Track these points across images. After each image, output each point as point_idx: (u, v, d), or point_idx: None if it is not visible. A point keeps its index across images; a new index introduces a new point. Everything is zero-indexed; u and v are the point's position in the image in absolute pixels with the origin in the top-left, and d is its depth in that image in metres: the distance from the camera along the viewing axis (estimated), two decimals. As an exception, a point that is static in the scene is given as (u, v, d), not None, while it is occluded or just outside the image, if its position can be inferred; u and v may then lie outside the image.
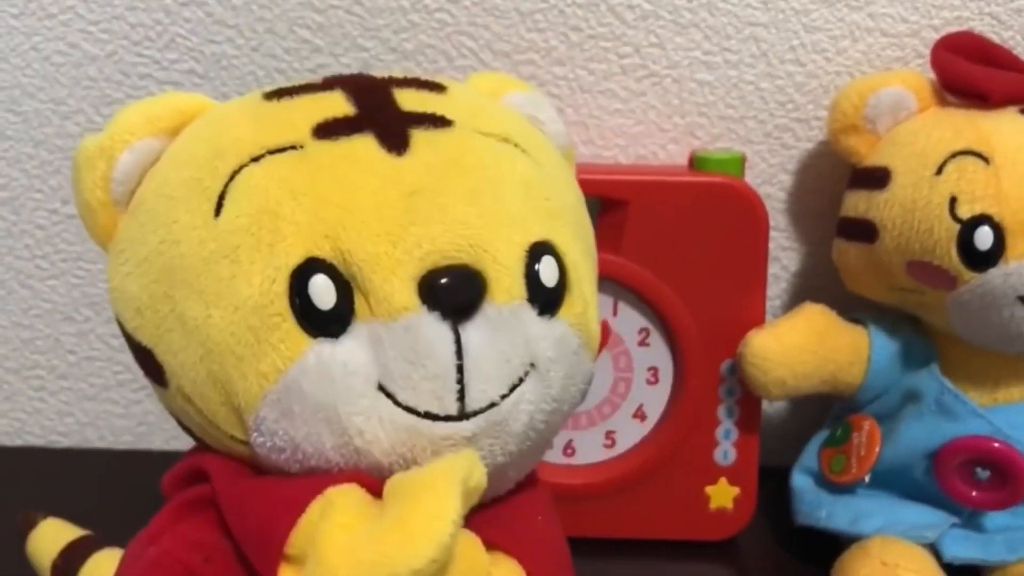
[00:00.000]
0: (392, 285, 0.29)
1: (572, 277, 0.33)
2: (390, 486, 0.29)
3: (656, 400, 0.52)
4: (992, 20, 0.55)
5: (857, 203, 0.50)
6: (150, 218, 0.32)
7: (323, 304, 0.30)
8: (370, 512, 0.29)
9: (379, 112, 0.32)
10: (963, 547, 0.48)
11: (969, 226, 0.45)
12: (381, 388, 0.30)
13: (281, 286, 0.30)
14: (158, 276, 0.32)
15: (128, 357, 0.62)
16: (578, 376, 0.33)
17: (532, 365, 0.31)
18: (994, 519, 0.48)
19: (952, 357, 0.50)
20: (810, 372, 0.50)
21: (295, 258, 0.30)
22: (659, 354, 0.52)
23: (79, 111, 0.58)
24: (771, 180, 0.58)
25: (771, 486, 0.53)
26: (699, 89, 0.57)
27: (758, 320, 0.51)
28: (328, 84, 0.34)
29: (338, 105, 0.32)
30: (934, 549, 0.47)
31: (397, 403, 0.30)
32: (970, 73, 0.48)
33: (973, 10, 0.55)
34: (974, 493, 0.47)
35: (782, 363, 0.49)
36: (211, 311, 0.30)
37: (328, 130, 0.32)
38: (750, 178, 0.52)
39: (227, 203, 0.31)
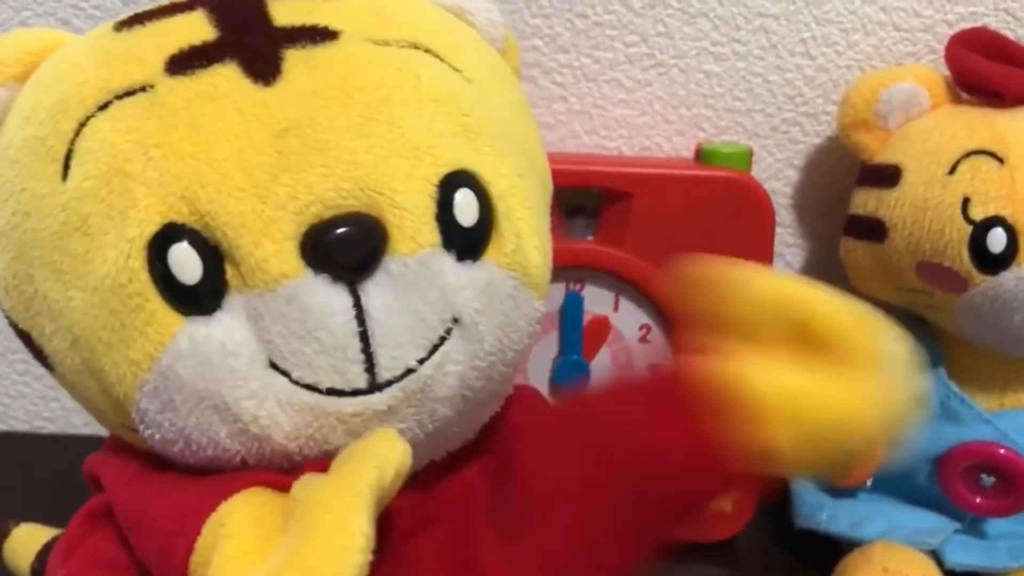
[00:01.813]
0: (265, 249, 0.25)
1: (499, 209, 0.28)
2: (294, 499, 0.25)
3: (656, 398, 0.51)
4: (1008, 16, 0.54)
5: (866, 201, 0.49)
6: (2, 185, 0.28)
7: (188, 278, 0.26)
8: (269, 530, 0.25)
9: (245, 33, 0.27)
10: (965, 554, 0.47)
11: (982, 227, 0.44)
12: (274, 366, 0.26)
13: (138, 260, 0.26)
14: (17, 252, 0.28)
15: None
16: (519, 321, 0.29)
17: (455, 320, 0.27)
18: (996, 526, 0.48)
19: (959, 360, 0.49)
20: (814, 372, 0.49)
21: (150, 226, 0.26)
22: (660, 351, 0.51)
23: (69, 89, 0.57)
24: (777, 175, 0.57)
25: (772, 488, 0.52)
26: (706, 80, 0.56)
27: (762, 318, 0.50)
28: (191, 3, 0.29)
29: (197, 29, 0.28)
30: (936, 555, 0.47)
31: (294, 381, 0.26)
32: (985, 70, 0.48)
33: (988, 6, 0.54)
34: (978, 499, 0.47)
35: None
36: (71, 292, 0.27)
37: (183, 62, 0.27)
38: (756, 172, 0.51)
39: (73, 164, 0.27)
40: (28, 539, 0.46)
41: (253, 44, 0.27)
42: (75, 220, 0.26)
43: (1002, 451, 0.46)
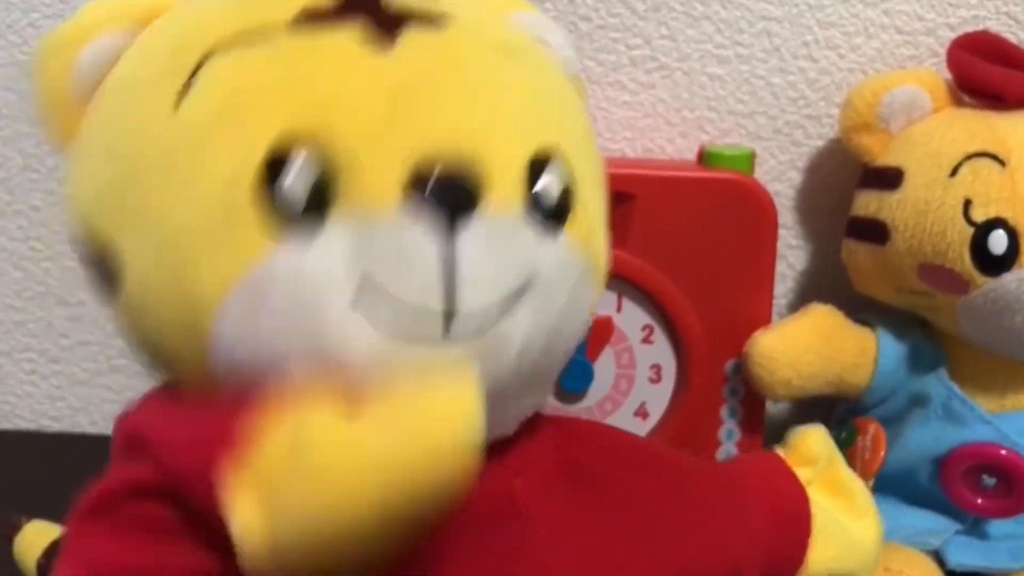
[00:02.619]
0: (372, 185, 0.26)
1: (578, 195, 0.30)
2: (376, 405, 0.25)
3: (658, 398, 0.52)
4: (1009, 20, 0.54)
5: (868, 203, 0.49)
6: (111, 108, 0.30)
7: (295, 200, 0.26)
8: (348, 415, 0.25)
9: (365, 5, 0.29)
10: (967, 554, 0.47)
11: (983, 229, 0.44)
12: (360, 293, 0.26)
13: (249, 177, 0.26)
14: (117, 168, 0.29)
15: (122, 342, 0.62)
16: (580, 306, 0.31)
17: (529, 283, 0.28)
18: (998, 527, 0.48)
19: (960, 361, 0.49)
20: (816, 373, 0.49)
21: (267, 143, 0.27)
22: (662, 352, 0.51)
23: (77, 90, 0.57)
24: (780, 177, 0.57)
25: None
26: (709, 83, 0.56)
27: (764, 319, 0.50)
28: None
29: None
30: (937, 556, 0.47)
31: (373, 316, 0.26)
32: (987, 73, 0.48)
33: (990, 9, 0.54)
34: (979, 500, 0.47)
35: (788, 364, 0.48)
36: (170, 204, 0.27)
37: (308, 19, 0.28)
38: (758, 175, 0.51)
39: (192, 92, 0.28)
40: (37, 535, 0.46)
41: (373, 15, 0.29)
42: (187, 138, 0.28)
43: (1003, 452, 0.46)
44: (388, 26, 0.29)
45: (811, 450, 0.39)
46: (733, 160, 0.50)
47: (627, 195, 0.49)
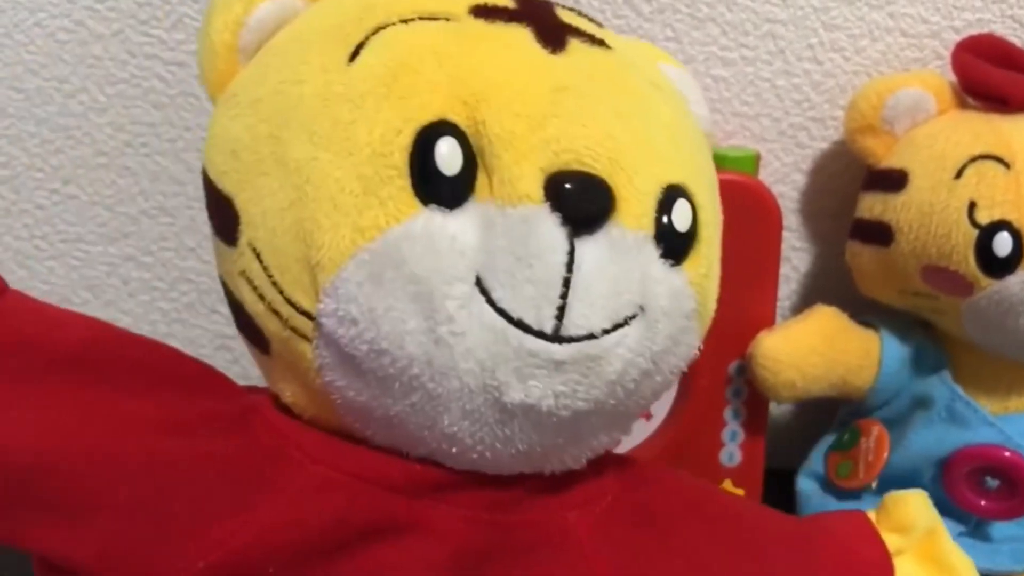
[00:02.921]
0: (521, 169, 0.27)
1: (703, 234, 0.30)
2: None
3: (662, 400, 0.51)
4: (1014, 23, 0.55)
5: (873, 205, 0.49)
6: (277, 59, 0.30)
7: (446, 169, 0.27)
8: None
9: (539, 13, 0.31)
10: (969, 556, 0.47)
11: (988, 232, 0.44)
12: (479, 280, 0.27)
13: (406, 139, 0.27)
14: (269, 115, 0.29)
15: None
16: (683, 344, 0.30)
17: (642, 309, 0.28)
18: (1000, 529, 0.48)
19: (964, 363, 0.49)
20: (820, 375, 0.49)
21: (428, 115, 0.27)
22: (666, 353, 0.51)
23: (83, 90, 0.57)
24: (784, 179, 0.57)
25: (776, 489, 0.53)
26: (714, 85, 0.56)
27: (768, 321, 0.50)
28: None
29: None
30: (940, 558, 0.47)
31: (491, 301, 0.27)
32: (991, 76, 0.48)
33: (995, 12, 0.54)
34: (983, 502, 0.47)
35: (792, 365, 0.48)
36: (320, 153, 0.28)
37: (486, 12, 0.30)
38: (763, 176, 0.51)
39: (365, 52, 0.29)
40: None
41: (545, 22, 0.30)
42: (351, 93, 0.28)
43: (1007, 454, 0.46)
44: (559, 31, 0.30)
45: (907, 517, 0.37)
46: (738, 162, 0.50)
47: (632, 196, 0.49)
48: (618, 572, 0.31)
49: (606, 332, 0.28)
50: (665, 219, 0.29)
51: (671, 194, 0.29)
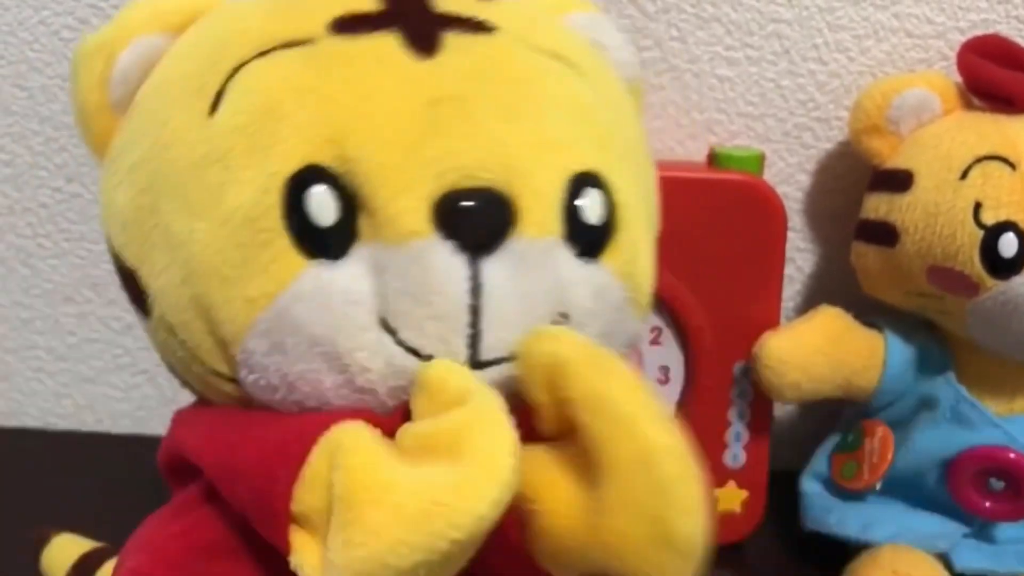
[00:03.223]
0: (401, 204, 0.25)
1: (621, 218, 0.28)
2: (416, 442, 0.25)
3: (666, 400, 0.51)
4: (1019, 24, 0.55)
5: (878, 205, 0.49)
6: (143, 119, 0.29)
7: (322, 220, 0.26)
8: (387, 448, 0.25)
9: (409, 10, 0.28)
10: (974, 558, 0.47)
11: (993, 232, 0.44)
12: (382, 322, 0.26)
13: (275, 196, 0.26)
14: (146, 185, 0.28)
15: (129, 340, 0.62)
16: (620, 335, 0.29)
17: (564, 316, 0.27)
18: (1005, 530, 0.48)
19: (969, 365, 0.49)
20: (825, 375, 0.49)
21: (292, 164, 0.26)
22: (671, 353, 0.51)
23: (86, 88, 0.57)
24: (789, 180, 0.57)
25: (780, 490, 0.53)
26: (719, 85, 0.56)
27: (773, 322, 0.50)
28: None
29: (363, 0, 0.28)
30: (944, 559, 0.47)
31: (399, 342, 0.26)
32: (997, 77, 0.48)
33: (1000, 13, 0.54)
34: (987, 504, 0.47)
35: (797, 366, 0.48)
36: (197, 224, 0.27)
37: (348, 25, 0.28)
38: (767, 177, 0.51)
39: (225, 101, 0.27)
40: (66, 548, 0.45)
41: (415, 21, 0.28)
42: (216, 153, 0.27)
43: (1011, 455, 0.46)
44: (431, 29, 0.28)
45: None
46: (743, 162, 0.50)
47: (637, 196, 0.49)
48: None
49: None
50: (574, 216, 0.27)
51: (579, 185, 0.28)
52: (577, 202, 0.27)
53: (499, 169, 0.26)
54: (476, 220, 0.26)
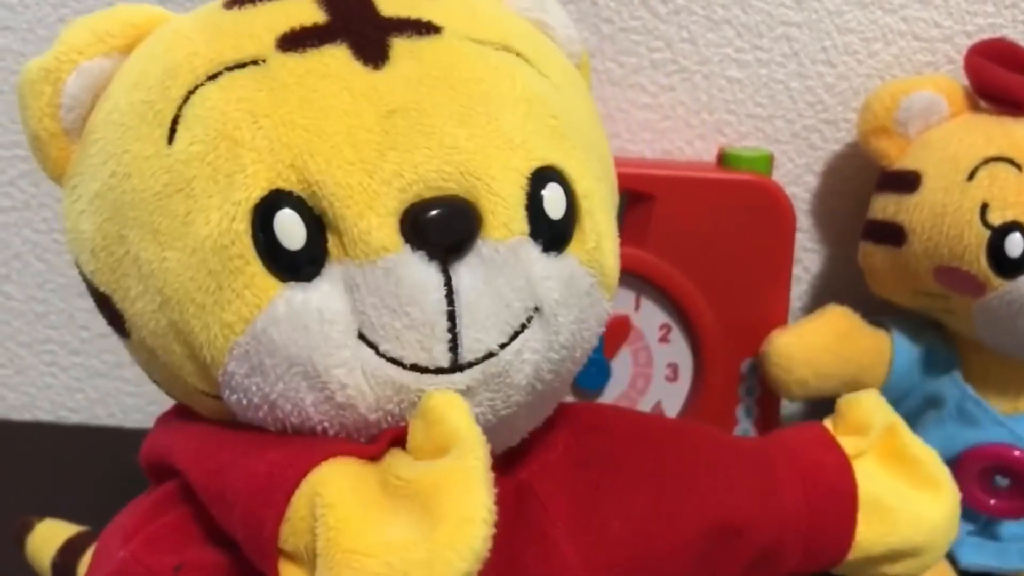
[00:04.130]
0: (368, 221, 0.26)
1: (583, 207, 0.29)
2: (399, 478, 0.25)
3: (675, 397, 0.52)
4: (1025, 28, 0.55)
5: (886, 206, 0.50)
6: (100, 148, 0.29)
7: (291, 243, 0.26)
8: (369, 500, 0.25)
9: (354, 19, 0.28)
10: (979, 555, 0.48)
11: (1000, 233, 0.45)
12: (362, 337, 0.26)
13: (242, 223, 0.26)
14: (111, 214, 0.28)
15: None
16: (592, 319, 0.30)
17: (536, 309, 0.28)
18: (1010, 528, 0.48)
19: (975, 364, 0.50)
20: (832, 373, 0.49)
21: (257, 191, 0.26)
22: (679, 351, 0.51)
23: (103, 85, 0.58)
24: (797, 181, 0.58)
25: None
26: (728, 86, 0.56)
27: (781, 320, 0.50)
28: None
29: (307, 12, 0.28)
30: (949, 556, 0.47)
31: (380, 354, 0.26)
32: (1003, 80, 0.48)
33: (1007, 17, 0.55)
34: (992, 501, 0.47)
35: (805, 364, 0.49)
36: (167, 253, 0.27)
37: (295, 41, 0.27)
38: (776, 178, 0.51)
39: (181, 129, 0.27)
40: (50, 534, 0.46)
41: (362, 29, 0.28)
42: (178, 182, 0.27)
43: (1017, 453, 0.47)
44: (379, 36, 0.28)
45: (862, 418, 0.36)
46: (752, 162, 0.50)
47: (647, 195, 0.49)
48: (575, 512, 0.31)
49: (505, 345, 0.27)
50: (538, 212, 0.28)
51: (539, 181, 0.28)
52: (540, 198, 0.28)
53: (459, 176, 0.26)
54: (443, 228, 0.26)
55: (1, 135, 0.59)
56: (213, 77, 0.27)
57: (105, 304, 0.30)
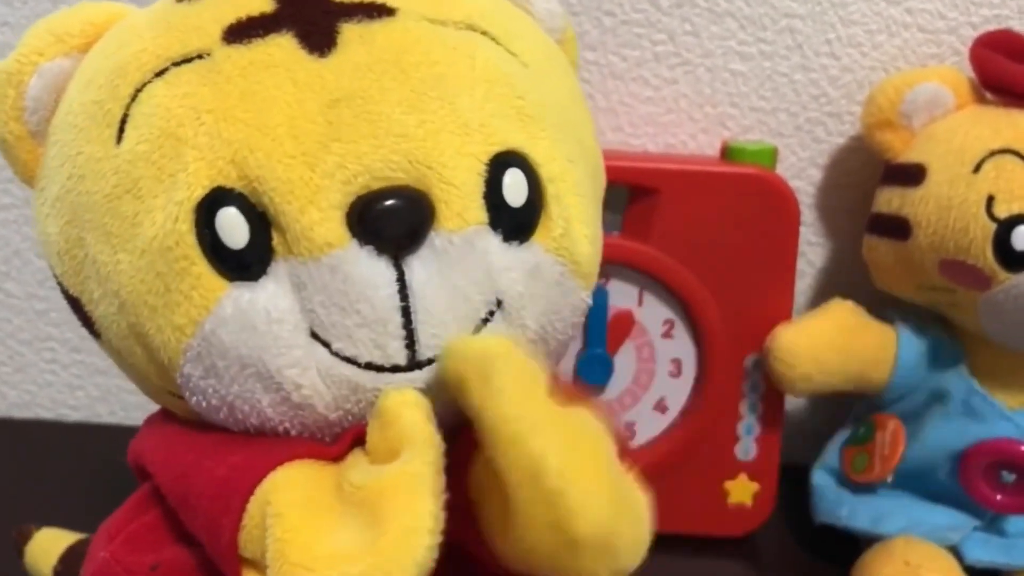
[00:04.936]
0: (311, 216, 0.25)
1: (549, 193, 0.28)
2: (351, 484, 0.25)
3: (678, 393, 0.52)
4: (1031, 19, 0.55)
5: (891, 199, 0.49)
6: (58, 151, 0.28)
7: (235, 242, 0.25)
8: (318, 507, 0.25)
9: (303, 6, 0.27)
10: (985, 550, 0.48)
11: (1006, 225, 0.44)
12: (314, 336, 0.26)
13: (186, 224, 0.25)
14: (70, 216, 0.28)
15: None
16: (564, 309, 0.29)
17: (499, 302, 0.27)
18: (1016, 523, 0.48)
19: (981, 358, 0.49)
20: (837, 369, 0.49)
21: (199, 189, 0.25)
22: (683, 346, 0.51)
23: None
24: (801, 174, 0.57)
25: (791, 483, 0.53)
26: (732, 79, 0.56)
27: (785, 315, 0.50)
28: None
29: (256, 1, 0.28)
30: (955, 551, 0.47)
31: (333, 353, 0.26)
32: (1009, 71, 0.48)
33: (1012, 8, 0.54)
34: (999, 496, 0.47)
35: (809, 359, 0.49)
36: (119, 256, 0.27)
37: (241, 32, 0.27)
38: (780, 171, 0.51)
39: (129, 128, 0.27)
40: (50, 543, 0.46)
41: (310, 16, 0.27)
42: (126, 183, 0.27)
43: (1023, 448, 0.46)
44: (327, 23, 0.27)
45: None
46: (756, 155, 0.50)
47: (650, 190, 0.49)
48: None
49: None
50: (497, 200, 0.27)
51: (499, 167, 0.27)
52: (499, 185, 0.27)
53: (408, 165, 0.26)
54: (392, 221, 0.25)
55: (0, 131, 0.59)
56: (160, 73, 0.27)
57: (76, 306, 0.30)
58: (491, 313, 0.27)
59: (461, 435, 0.26)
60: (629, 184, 0.49)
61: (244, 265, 0.26)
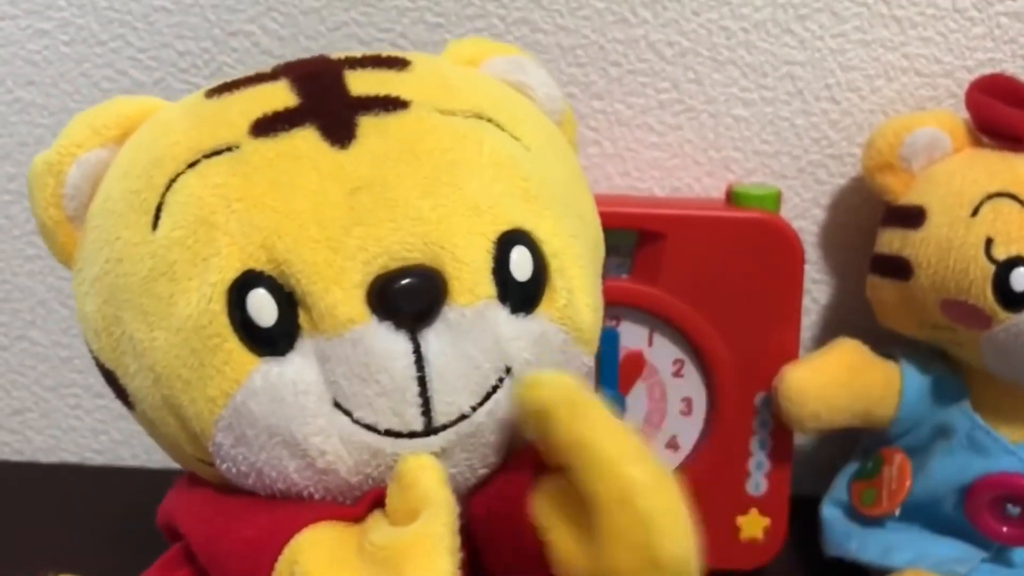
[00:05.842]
0: (334, 296, 0.27)
1: (552, 267, 0.30)
2: (372, 544, 0.26)
3: (689, 431, 0.53)
4: (1024, 63, 0.56)
5: (892, 240, 0.50)
6: (97, 235, 0.31)
7: (264, 321, 0.28)
8: (343, 566, 0.26)
9: (324, 101, 0.30)
10: (991, 583, 0.48)
11: (1005, 267, 0.45)
12: (337, 405, 0.28)
13: (219, 304, 0.28)
14: (107, 296, 0.30)
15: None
16: (569, 373, 0.30)
17: (508, 370, 0.29)
18: (1022, 555, 0.49)
19: (983, 393, 0.50)
20: (844, 406, 0.50)
21: (231, 272, 0.28)
22: (693, 385, 0.52)
23: (124, 135, 0.59)
24: (804, 214, 0.58)
25: (801, 516, 0.54)
26: (735, 124, 0.57)
27: (792, 354, 0.51)
28: (275, 73, 0.31)
29: (280, 96, 0.30)
30: (963, 584, 0.47)
31: (355, 421, 0.28)
32: (1005, 115, 0.49)
33: (1006, 52, 0.55)
34: (1004, 529, 0.48)
35: (817, 397, 0.49)
36: (155, 333, 0.29)
37: (266, 126, 0.29)
38: (783, 212, 0.52)
39: (164, 215, 0.29)
40: None
41: (331, 110, 0.30)
42: (162, 266, 0.28)
43: (1027, 482, 0.47)
44: (347, 116, 0.29)
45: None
46: (761, 199, 0.51)
47: (658, 234, 0.50)
48: None
49: (478, 406, 0.28)
50: (505, 276, 0.29)
51: (506, 244, 0.29)
52: (507, 261, 0.29)
53: (422, 246, 0.28)
54: (408, 298, 0.27)
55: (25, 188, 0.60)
56: (192, 165, 0.29)
57: (111, 379, 0.31)
58: (501, 380, 0.29)
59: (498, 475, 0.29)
60: (637, 229, 0.50)
61: (272, 342, 0.28)
